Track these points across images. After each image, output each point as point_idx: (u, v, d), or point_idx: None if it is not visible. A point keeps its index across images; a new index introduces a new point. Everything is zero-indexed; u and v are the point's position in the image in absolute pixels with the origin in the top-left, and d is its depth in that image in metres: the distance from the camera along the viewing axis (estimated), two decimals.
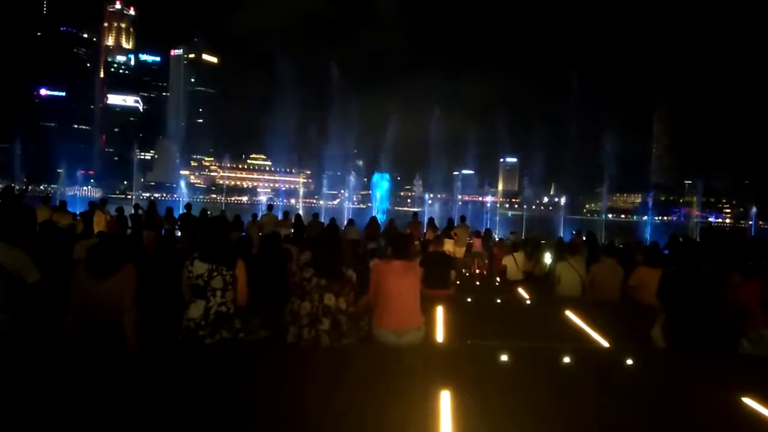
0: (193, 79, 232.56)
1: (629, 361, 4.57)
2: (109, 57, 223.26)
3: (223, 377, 3.93)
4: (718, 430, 3.55)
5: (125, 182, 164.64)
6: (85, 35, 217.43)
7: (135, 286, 4.32)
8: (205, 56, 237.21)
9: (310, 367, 4.18)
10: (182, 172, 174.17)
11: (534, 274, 12.21)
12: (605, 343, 5.58)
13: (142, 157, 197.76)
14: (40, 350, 4.23)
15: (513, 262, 12.00)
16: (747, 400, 3.72)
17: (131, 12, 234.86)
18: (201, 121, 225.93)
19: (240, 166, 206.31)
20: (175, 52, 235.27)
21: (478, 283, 12.81)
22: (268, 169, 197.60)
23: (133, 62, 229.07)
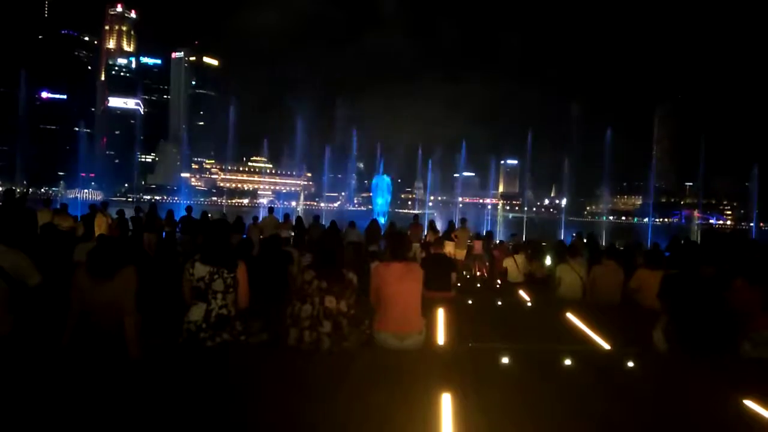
0: (194, 82, 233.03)
1: (630, 364, 4.56)
2: (110, 60, 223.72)
3: (224, 380, 3.93)
4: None
5: (126, 185, 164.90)
6: (86, 38, 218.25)
7: (135, 289, 4.32)
8: (206, 59, 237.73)
9: (311, 370, 4.18)
10: (183, 175, 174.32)
11: (535, 277, 12.20)
12: (606, 346, 5.57)
13: (143, 160, 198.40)
14: (42, 353, 4.24)
15: (514, 265, 11.98)
16: (748, 403, 3.71)
17: (132, 15, 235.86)
18: (202, 123, 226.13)
19: (241, 169, 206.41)
20: (176, 55, 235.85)
21: (478, 286, 12.82)
22: (269, 171, 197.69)
23: (134, 65, 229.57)
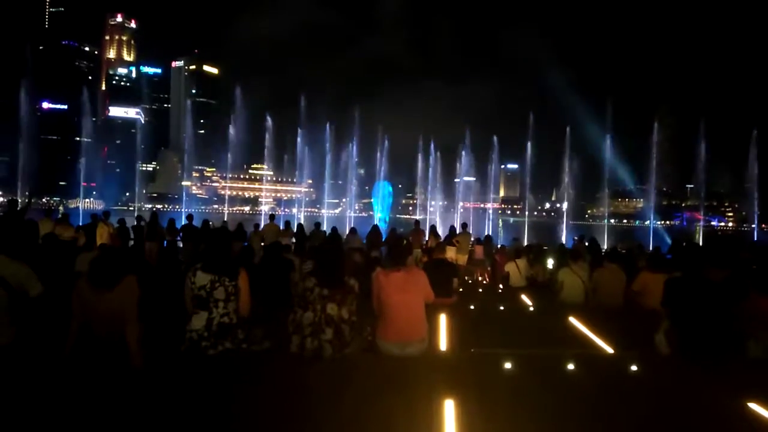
0: (194, 91, 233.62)
1: (633, 367, 4.55)
2: (111, 69, 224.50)
3: (227, 388, 3.92)
4: None
5: (127, 194, 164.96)
6: (87, 48, 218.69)
7: (137, 298, 4.33)
8: (206, 67, 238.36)
9: (314, 377, 4.17)
10: (184, 183, 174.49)
11: (537, 281, 12.17)
12: (609, 349, 5.56)
13: (144, 169, 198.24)
14: (44, 363, 4.24)
15: (516, 269, 11.95)
16: (753, 406, 3.69)
17: (132, 24, 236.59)
18: (202, 131, 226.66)
19: (242, 176, 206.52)
20: (176, 64, 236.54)
21: (480, 291, 12.78)
22: (269, 178, 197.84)
23: (134, 74, 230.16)
